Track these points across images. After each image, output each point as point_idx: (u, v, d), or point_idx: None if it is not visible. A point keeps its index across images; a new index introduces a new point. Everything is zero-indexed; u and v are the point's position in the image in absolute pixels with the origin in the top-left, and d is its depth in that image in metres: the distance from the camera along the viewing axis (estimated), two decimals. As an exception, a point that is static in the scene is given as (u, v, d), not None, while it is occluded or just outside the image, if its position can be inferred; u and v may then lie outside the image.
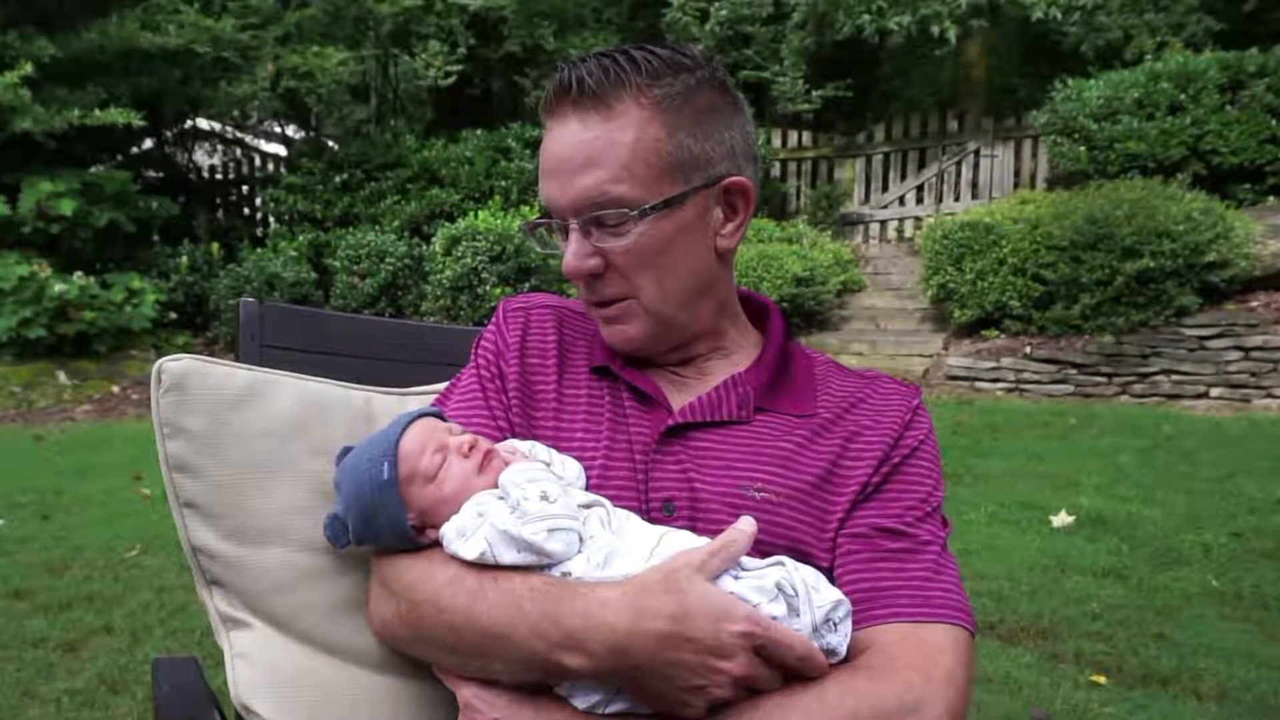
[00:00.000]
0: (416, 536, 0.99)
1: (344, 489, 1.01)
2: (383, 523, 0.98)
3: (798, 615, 0.88)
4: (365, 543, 1.02)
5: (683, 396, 1.08)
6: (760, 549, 0.92)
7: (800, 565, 0.93)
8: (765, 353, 1.12)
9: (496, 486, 0.97)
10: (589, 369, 1.11)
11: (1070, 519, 4.21)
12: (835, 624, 0.91)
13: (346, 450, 1.04)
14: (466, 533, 0.94)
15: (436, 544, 0.98)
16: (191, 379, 1.05)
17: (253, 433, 1.07)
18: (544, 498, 0.91)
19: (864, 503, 1.02)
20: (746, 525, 0.90)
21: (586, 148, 0.99)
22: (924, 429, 1.07)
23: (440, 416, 1.06)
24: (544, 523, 0.90)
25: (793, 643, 0.86)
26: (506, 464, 0.99)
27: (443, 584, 0.94)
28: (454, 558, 0.95)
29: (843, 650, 0.91)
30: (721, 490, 1.00)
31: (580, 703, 0.89)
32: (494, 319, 1.17)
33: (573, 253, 1.03)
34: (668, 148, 1.00)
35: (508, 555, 0.91)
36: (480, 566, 0.93)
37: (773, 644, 0.85)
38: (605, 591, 0.87)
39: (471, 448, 1.00)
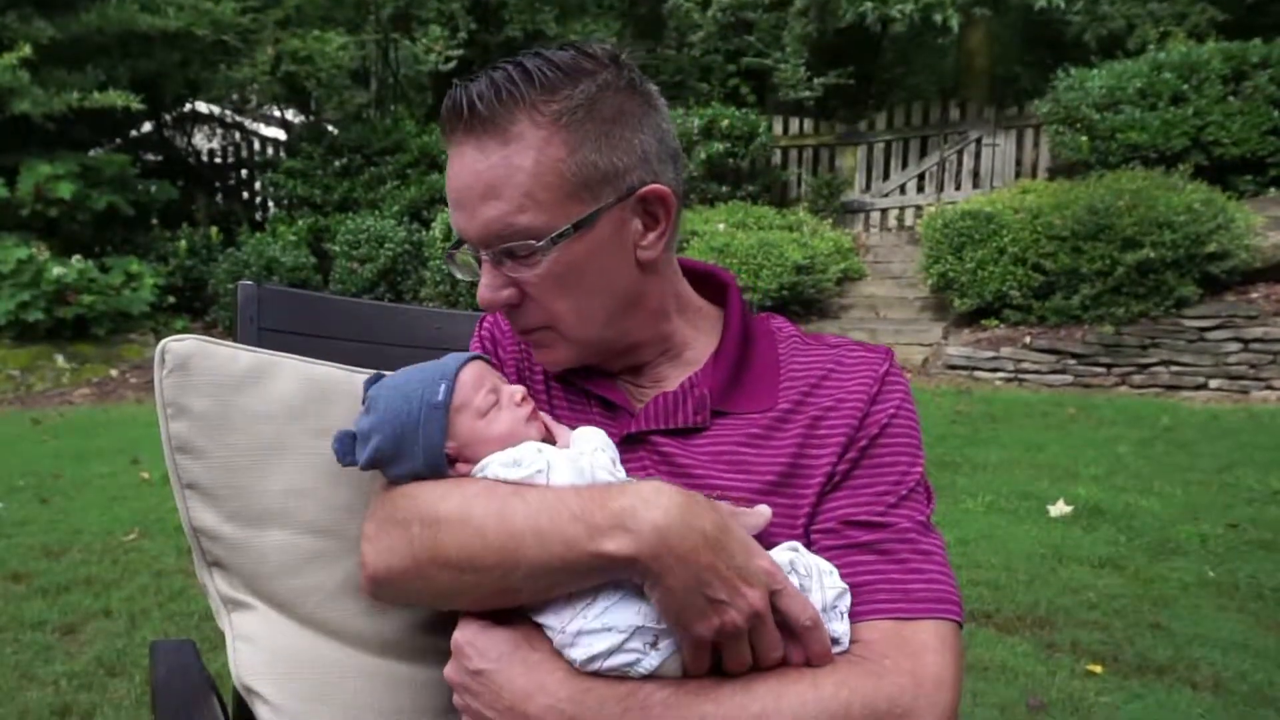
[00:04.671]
0: (445, 466, 0.97)
1: (381, 404, 0.98)
2: (419, 443, 0.96)
3: (809, 595, 0.88)
4: (381, 465, 0.99)
5: (642, 403, 1.05)
6: None
7: (810, 554, 0.93)
8: (723, 345, 1.07)
9: (540, 439, 0.97)
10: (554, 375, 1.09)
11: (1068, 509, 4.22)
12: (842, 613, 0.90)
13: (377, 377, 1.03)
14: (522, 463, 0.92)
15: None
16: (196, 360, 1.05)
17: (256, 415, 1.06)
18: (608, 466, 0.94)
19: (832, 493, 0.97)
20: (764, 510, 0.91)
21: (484, 177, 0.94)
22: (894, 400, 1.00)
23: (490, 363, 1.05)
24: (608, 473, 0.92)
25: (805, 606, 0.86)
26: (549, 426, 1.00)
27: (472, 496, 0.92)
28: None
29: (845, 642, 0.91)
30: None
31: (580, 653, 0.86)
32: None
33: (486, 285, 0.99)
34: (570, 168, 0.93)
35: (565, 477, 0.91)
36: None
37: (788, 597, 0.85)
38: (653, 489, 0.85)
39: (524, 399, 1.00)
